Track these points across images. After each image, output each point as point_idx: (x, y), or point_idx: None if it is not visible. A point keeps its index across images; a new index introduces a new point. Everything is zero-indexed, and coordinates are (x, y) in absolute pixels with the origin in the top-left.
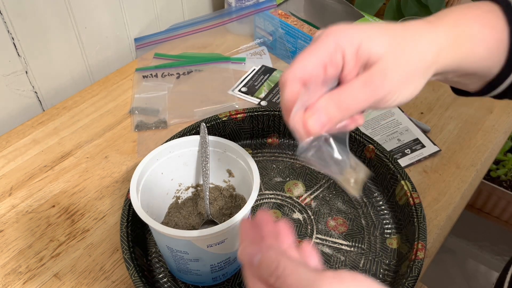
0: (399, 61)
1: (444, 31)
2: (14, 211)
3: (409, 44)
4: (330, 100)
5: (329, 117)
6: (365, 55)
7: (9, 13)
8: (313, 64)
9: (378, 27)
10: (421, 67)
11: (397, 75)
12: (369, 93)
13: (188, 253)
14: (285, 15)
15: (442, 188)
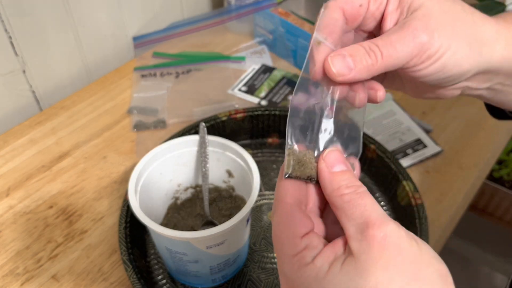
0: (447, 12)
1: (505, 24)
2: (11, 212)
3: (463, 7)
4: (362, 44)
5: (357, 61)
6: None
7: (6, 12)
8: None
9: None
10: (474, 34)
11: (443, 25)
12: (407, 36)
13: (187, 255)
14: (285, 13)
15: (444, 188)
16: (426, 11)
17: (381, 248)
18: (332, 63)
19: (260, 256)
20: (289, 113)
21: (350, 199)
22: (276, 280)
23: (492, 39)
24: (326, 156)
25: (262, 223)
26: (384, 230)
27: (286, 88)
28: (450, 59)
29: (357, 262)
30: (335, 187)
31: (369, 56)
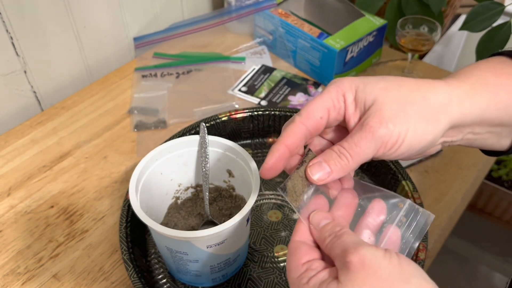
0: (396, 100)
1: (455, 82)
2: (12, 212)
3: (409, 87)
4: (333, 148)
5: (332, 164)
6: (362, 97)
7: (8, 13)
8: (318, 108)
9: (377, 77)
10: (426, 109)
11: (394, 114)
12: (367, 135)
13: (188, 254)
14: (285, 14)
15: (443, 188)
16: (377, 106)
17: (357, 270)
18: (311, 172)
19: (260, 256)
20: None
21: (332, 242)
22: (276, 280)
23: (445, 103)
24: (312, 220)
25: (262, 222)
26: (359, 253)
27: (286, 88)
28: (413, 138)
29: (338, 284)
30: (322, 239)
31: (340, 159)
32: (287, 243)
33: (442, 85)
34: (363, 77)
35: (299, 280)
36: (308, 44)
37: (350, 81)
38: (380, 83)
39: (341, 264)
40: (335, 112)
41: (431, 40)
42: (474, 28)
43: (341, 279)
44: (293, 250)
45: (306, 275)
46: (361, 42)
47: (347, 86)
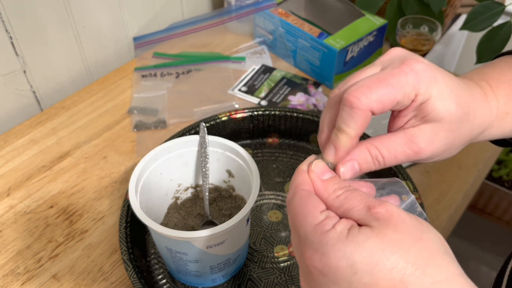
0: (453, 132)
1: (496, 108)
2: (12, 212)
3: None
4: (370, 151)
5: (364, 168)
6: (429, 110)
7: (7, 12)
8: (391, 99)
9: (453, 87)
10: (466, 141)
11: (444, 143)
12: (411, 155)
13: (188, 254)
14: (285, 14)
15: (444, 188)
16: (436, 130)
17: (387, 218)
18: (343, 168)
19: (260, 256)
20: None
21: (346, 196)
22: (276, 280)
23: (481, 133)
24: (314, 168)
25: (262, 223)
26: (385, 207)
27: (286, 88)
28: (441, 159)
29: (372, 228)
30: (330, 191)
31: (373, 164)
32: (287, 243)
33: (487, 114)
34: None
35: (320, 226)
36: (308, 44)
37: (428, 84)
38: (451, 106)
39: (363, 215)
40: (399, 106)
41: (432, 40)
42: (474, 28)
43: (373, 224)
44: (304, 197)
45: (328, 222)
46: (361, 42)
47: (424, 87)
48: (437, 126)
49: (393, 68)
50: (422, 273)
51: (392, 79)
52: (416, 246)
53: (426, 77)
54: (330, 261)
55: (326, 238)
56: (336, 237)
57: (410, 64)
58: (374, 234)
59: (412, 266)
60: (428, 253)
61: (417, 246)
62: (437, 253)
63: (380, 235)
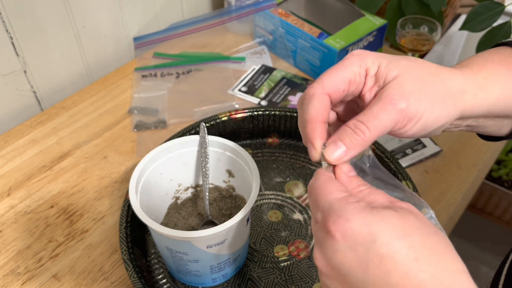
0: (417, 80)
1: (470, 73)
2: (12, 212)
3: (430, 70)
4: (348, 124)
5: (348, 142)
6: (384, 73)
7: (7, 13)
8: (341, 79)
9: (400, 56)
10: (444, 92)
11: (416, 90)
12: (387, 106)
13: (188, 254)
14: (285, 14)
15: (443, 188)
16: (399, 81)
17: (408, 211)
18: (327, 153)
19: (260, 256)
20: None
21: (369, 191)
22: (276, 280)
23: (461, 91)
24: (342, 165)
25: (262, 222)
26: (407, 204)
27: (286, 88)
28: (429, 118)
29: (396, 211)
30: (354, 185)
31: (356, 134)
32: (287, 243)
33: (458, 73)
34: (384, 54)
35: (346, 199)
36: (308, 44)
37: (373, 57)
38: (402, 61)
39: (387, 205)
40: (354, 86)
41: (431, 40)
42: (474, 28)
43: (397, 210)
44: (328, 179)
45: (353, 198)
46: (361, 42)
47: (370, 61)
48: (399, 79)
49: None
50: (437, 259)
51: (337, 65)
52: (433, 236)
53: (370, 54)
54: (353, 225)
55: (351, 205)
56: (361, 207)
57: (351, 53)
58: (399, 215)
59: (428, 250)
60: (444, 246)
61: (435, 237)
62: (451, 250)
63: (404, 217)
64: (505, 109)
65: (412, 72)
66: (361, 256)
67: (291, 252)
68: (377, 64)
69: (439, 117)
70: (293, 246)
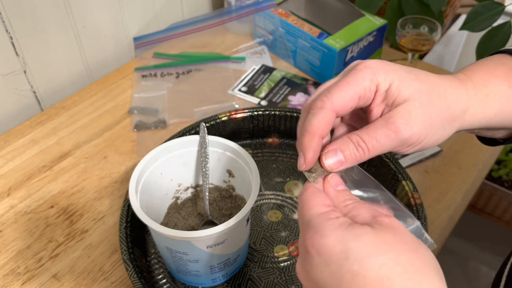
0: (425, 106)
1: (473, 90)
2: (12, 212)
3: (438, 94)
4: (351, 138)
5: (347, 156)
6: (394, 93)
7: (7, 13)
8: (351, 97)
9: (411, 72)
10: (447, 118)
11: (421, 119)
12: (391, 134)
13: (188, 254)
14: (285, 14)
15: (444, 188)
16: (408, 108)
17: (388, 225)
18: (325, 158)
19: (260, 256)
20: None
21: (354, 205)
22: (276, 280)
23: (461, 113)
24: (330, 179)
25: (262, 222)
26: (389, 218)
27: (286, 88)
28: (428, 143)
29: (373, 228)
30: (341, 200)
31: (357, 150)
32: (287, 243)
33: (463, 93)
34: (397, 69)
35: (325, 215)
36: (308, 44)
37: (385, 73)
38: (414, 84)
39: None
40: (363, 101)
41: (431, 40)
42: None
43: (375, 226)
44: (315, 192)
45: (333, 213)
46: (361, 42)
47: (382, 77)
48: (408, 104)
49: (350, 71)
50: (409, 277)
51: (349, 79)
52: (410, 254)
53: (382, 68)
54: (327, 242)
55: (328, 222)
56: (337, 224)
57: (363, 63)
58: (373, 232)
59: (401, 268)
60: (420, 264)
61: (411, 255)
62: (428, 268)
63: (378, 234)
64: (500, 123)
65: (422, 97)
66: (335, 272)
67: (291, 252)
68: (389, 82)
69: (438, 141)
70: (293, 246)
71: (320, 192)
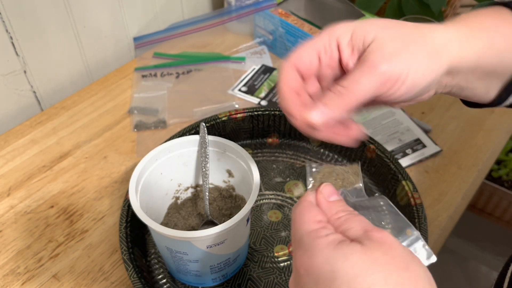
0: (397, 38)
1: (453, 27)
2: (12, 212)
3: (408, 27)
4: (330, 89)
5: (330, 104)
6: (359, 37)
7: (7, 12)
8: (307, 52)
9: (377, 18)
10: (426, 47)
11: (396, 50)
12: (369, 71)
13: (188, 254)
14: (285, 14)
15: (443, 188)
16: (378, 43)
17: (380, 241)
18: (310, 114)
19: (260, 256)
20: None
21: (347, 218)
22: (276, 280)
23: (444, 43)
24: (322, 190)
25: (262, 222)
26: (381, 233)
27: None
28: (416, 76)
29: (362, 245)
30: (333, 212)
31: (339, 96)
32: (287, 243)
33: (441, 27)
34: (357, 21)
35: (315, 232)
36: None
37: (344, 25)
38: (378, 22)
39: (360, 235)
40: (327, 57)
41: None
42: None
43: (365, 243)
44: (307, 207)
45: (323, 231)
46: None
47: (341, 29)
48: (377, 40)
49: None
50: None
51: (306, 41)
52: (400, 273)
53: (340, 25)
54: (315, 263)
55: (316, 241)
56: (326, 243)
57: (327, 27)
58: (363, 250)
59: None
60: (411, 284)
61: (402, 274)
62: (421, 284)
63: (367, 253)
64: (494, 62)
65: (390, 31)
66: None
67: (291, 252)
68: (350, 32)
69: (426, 73)
70: None
71: (312, 207)
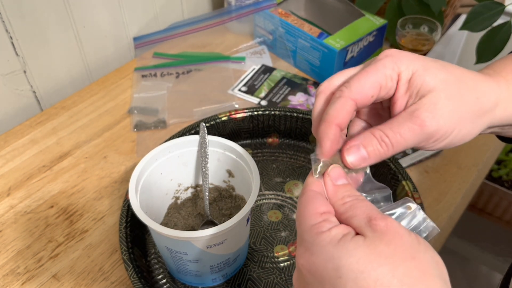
0: (452, 98)
1: (504, 83)
2: (12, 212)
3: (467, 85)
4: (374, 133)
5: (371, 151)
6: (418, 83)
7: (7, 12)
8: (371, 85)
9: (437, 62)
10: (476, 111)
11: (448, 112)
12: (416, 129)
13: (188, 254)
14: (285, 14)
15: (443, 188)
16: (433, 99)
17: (384, 232)
18: (347, 154)
19: (260, 256)
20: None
21: (352, 204)
22: (276, 280)
23: (492, 106)
24: (330, 172)
25: (262, 222)
26: (385, 221)
27: (286, 88)
28: (456, 137)
29: (366, 238)
30: (339, 197)
31: (381, 146)
32: (287, 243)
33: (494, 86)
34: (421, 58)
35: (317, 227)
36: (308, 44)
37: (408, 60)
38: (440, 74)
39: (362, 224)
40: (385, 91)
41: (431, 40)
42: (474, 28)
43: (368, 235)
44: (310, 198)
45: (325, 224)
46: (361, 42)
47: (404, 65)
48: (433, 96)
49: (371, 61)
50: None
51: (368, 68)
52: (407, 263)
53: (404, 56)
54: (318, 261)
55: (318, 238)
56: (328, 239)
57: (385, 52)
58: (366, 244)
59: (398, 282)
60: (419, 273)
61: (408, 264)
62: (429, 275)
63: (371, 246)
64: None
65: (448, 88)
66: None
67: (291, 252)
68: (412, 70)
69: (466, 136)
70: (293, 246)
71: (316, 198)
